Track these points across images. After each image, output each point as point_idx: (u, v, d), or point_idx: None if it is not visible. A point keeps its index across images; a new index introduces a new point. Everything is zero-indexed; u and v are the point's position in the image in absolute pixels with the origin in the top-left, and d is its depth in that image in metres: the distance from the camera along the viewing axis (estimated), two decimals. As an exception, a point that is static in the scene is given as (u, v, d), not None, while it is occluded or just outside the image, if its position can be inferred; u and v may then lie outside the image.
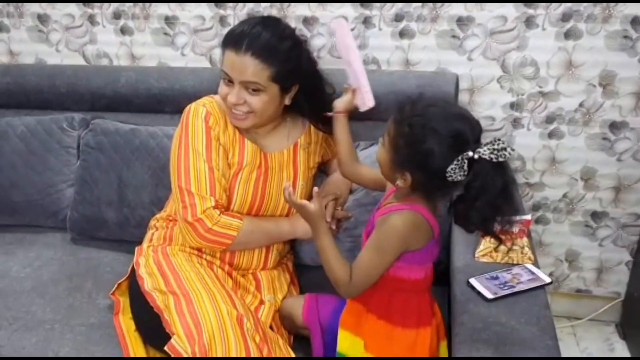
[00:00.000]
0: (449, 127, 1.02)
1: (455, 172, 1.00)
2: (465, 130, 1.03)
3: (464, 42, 1.74)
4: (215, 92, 1.39)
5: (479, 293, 1.20)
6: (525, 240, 1.33)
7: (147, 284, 1.28)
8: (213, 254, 1.38)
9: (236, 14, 1.87)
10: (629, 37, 1.63)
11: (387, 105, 1.67)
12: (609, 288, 1.98)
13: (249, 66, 1.26)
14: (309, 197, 1.47)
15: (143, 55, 2.00)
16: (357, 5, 1.76)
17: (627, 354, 1.87)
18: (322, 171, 1.63)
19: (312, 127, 1.50)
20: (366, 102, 1.39)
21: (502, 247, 1.15)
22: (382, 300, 1.19)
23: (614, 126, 1.75)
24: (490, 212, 1.02)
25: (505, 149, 0.99)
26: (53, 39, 2.04)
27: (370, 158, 1.64)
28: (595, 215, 1.88)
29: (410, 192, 1.12)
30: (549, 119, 1.78)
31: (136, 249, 1.44)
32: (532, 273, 1.25)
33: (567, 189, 1.86)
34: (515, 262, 1.30)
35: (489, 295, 1.18)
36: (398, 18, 1.75)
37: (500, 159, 0.99)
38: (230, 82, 1.30)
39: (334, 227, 1.47)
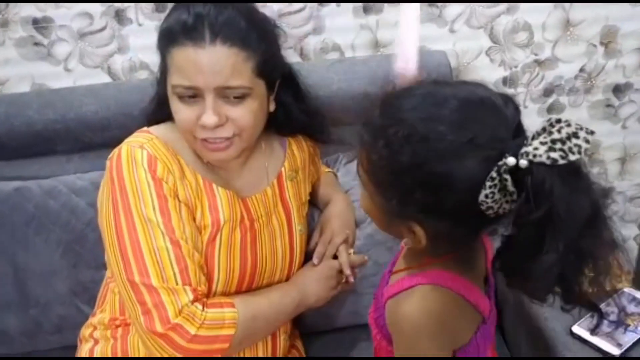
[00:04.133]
0: (455, 124, 0.56)
1: (496, 199, 0.55)
2: (489, 121, 0.57)
3: (443, 11, 1.39)
4: (135, 119, 0.97)
5: (597, 348, 0.87)
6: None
7: None
8: None
9: (139, 6, 1.35)
10: (631, -17, 1.39)
11: (368, 104, 1.29)
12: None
13: (225, 60, 0.82)
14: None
15: (7, 79, 1.40)
16: (306, -24, 1.33)
17: None
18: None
19: (294, 148, 1.08)
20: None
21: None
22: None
23: (618, 89, 1.52)
24: (573, 265, 0.55)
25: (576, 133, 0.53)
26: None
27: (353, 173, 1.25)
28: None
29: (428, 247, 0.65)
30: (547, 92, 1.51)
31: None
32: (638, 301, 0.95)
33: (569, 168, 1.62)
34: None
35: (615, 351, 0.86)
36: (360, -12, 1.36)
37: (571, 157, 0.53)
38: (193, 96, 0.84)
39: (352, 279, 1.06)
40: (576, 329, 0.91)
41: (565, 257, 0.53)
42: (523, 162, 0.53)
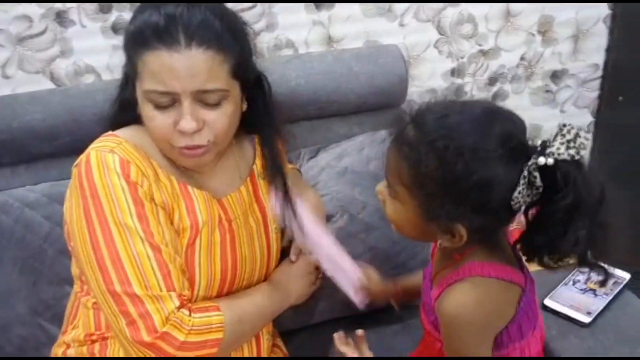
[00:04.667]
0: (494, 135, 0.67)
1: (524, 194, 0.66)
2: (514, 130, 0.69)
3: (393, 6, 1.42)
4: (85, 125, 0.94)
5: (568, 318, 0.93)
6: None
7: None
8: None
9: (82, 7, 1.29)
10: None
11: (327, 99, 1.30)
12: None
13: (202, 64, 0.79)
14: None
15: (-62, 89, 1.30)
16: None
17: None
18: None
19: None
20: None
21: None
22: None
23: (555, 76, 1.61)
24: (592, 235, 0.66)
25: (578, 134, 0.65)
26: None
27: (318, 167, 1.26)
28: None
29: (463, 246, 0.74)
30: (492, 80, 1.58)
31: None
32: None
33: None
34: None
35: (585, 319, 0.91)
36: (311, -16, 1.36)
37: (582, 153, 0.66)
38: (168, 102, 0.81)
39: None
40: (548, 302, 0.96)
41: (590, 231, 0.65)
42: (550, 161, 0.64)
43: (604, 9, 1.54)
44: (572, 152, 0.64)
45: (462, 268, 0.74)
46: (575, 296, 0.96)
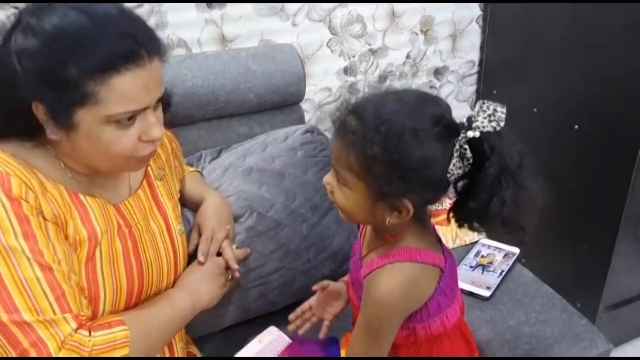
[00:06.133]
0: (427, 117, 0.73)
1: (457, 166, 0.73)
2: (443, 111, 0.76)
3: (285, 6, 1.44)
4: None
5: (471, 293, 1.00)
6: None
7: None
8: None
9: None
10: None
11: (226, 98, 1.28)
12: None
13: (159, 72, 0.80)
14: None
15: None
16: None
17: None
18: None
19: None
20: None
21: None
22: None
23: (438, 72, 1.72)
24: (515, 196, 0.74)
25: (496, 109, 0.73)
26: None
27: (221, 168, 1.24)
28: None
29: (401, 224, 0.79)
30: (382, 78, 1.66)
31: None
32: (494, 247, 1.10)
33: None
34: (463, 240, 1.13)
35: (485, 293, 0.99)
36: (200, -18, 1.34)
37: (501, 124, 0.73)
38: (127, 123, 0.78)
39: (237, 274, 1.05)
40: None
41: (514, 192, 0.72)
42: (477, 133, 0.71)
43: (476, 10, 1.67)
44: (493, 124, 0.71)
45: (393, 252, 0.79)
46: (472, 274, 1.03)
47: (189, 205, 1.13)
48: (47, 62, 0.72)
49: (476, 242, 1.13)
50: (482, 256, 1.09)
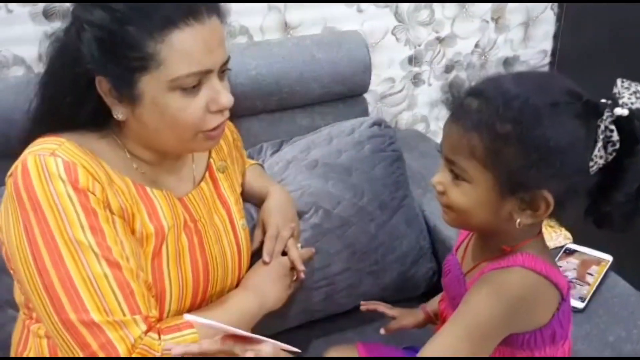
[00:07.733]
0: (564, 91, 0.63)
1: (603, 152, 0.62)
2: (576, 88, 0.65)
3: (352, -10, 1.37)
4: (17, 123, 0.79)
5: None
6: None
7: None
8: None
9: (6, -12, 1.13)
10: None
11: (290, 88, 1.22)
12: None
13: (221, 33, 0.75)
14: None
15: None
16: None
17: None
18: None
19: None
20: None
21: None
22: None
23: (508, 62, 1.63)
24: None
25: (638, 86, 0.64)
26: None
27: (284, 162, 1.18)
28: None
29: (528, 228, 0.67)
30: (448, 68, 1.57)
31: None
32: (586, 254, 1.01)
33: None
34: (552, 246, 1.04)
35: (579, 304, 0.90)
36: (265, -33, 1.28)
37: None
38: (192, 89, 0.73)
39: (302, 275, 0.99)
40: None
41: None
42: (625, 111, 0.61)
43: (552, -4, 1.56)
44: None
45: (514, 257, 0.67)
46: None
47: (250, 199, 1.08)
48: (107, 28, 0.69)
49: (562, 247, 1.04)
50: (570, 264, 1.00)
